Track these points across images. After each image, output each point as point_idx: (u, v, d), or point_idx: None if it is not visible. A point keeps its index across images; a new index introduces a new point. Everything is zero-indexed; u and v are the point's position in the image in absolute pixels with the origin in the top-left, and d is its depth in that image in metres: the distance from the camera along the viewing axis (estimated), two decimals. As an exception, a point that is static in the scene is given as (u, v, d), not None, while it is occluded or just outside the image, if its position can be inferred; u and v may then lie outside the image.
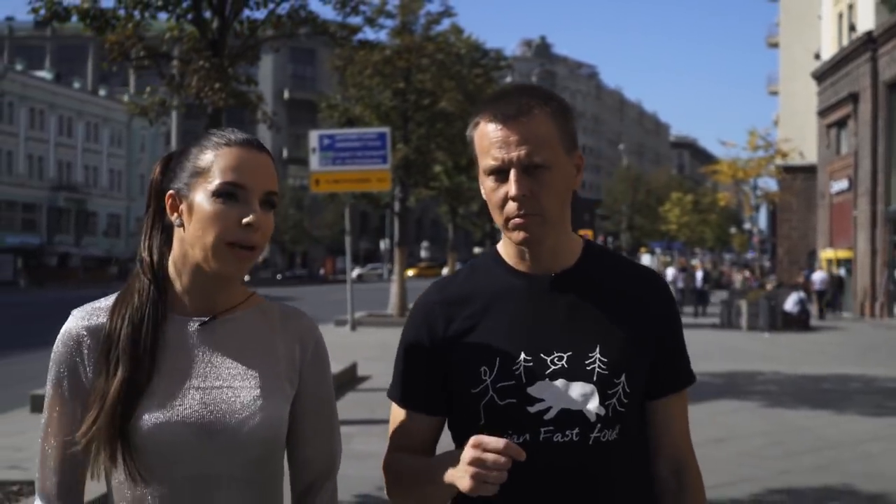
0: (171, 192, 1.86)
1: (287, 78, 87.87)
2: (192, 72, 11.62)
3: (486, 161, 1.93)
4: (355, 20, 14.06)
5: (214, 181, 1.81)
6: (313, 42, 18.09)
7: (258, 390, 1.84)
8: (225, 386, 1.84)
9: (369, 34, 26.12)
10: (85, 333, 1.85)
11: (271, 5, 12.25)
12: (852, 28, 37.70)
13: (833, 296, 32.01)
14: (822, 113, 40.78)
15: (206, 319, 1.87)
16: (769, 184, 50.75)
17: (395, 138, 24.23)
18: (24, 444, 8.78)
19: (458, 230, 37.32)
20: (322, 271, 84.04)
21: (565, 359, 1.93)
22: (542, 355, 1.93)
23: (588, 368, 1.93)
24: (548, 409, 1.91)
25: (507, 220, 1.93)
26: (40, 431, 1.86)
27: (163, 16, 11.92)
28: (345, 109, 26.11)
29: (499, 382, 1.93)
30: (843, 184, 37.78)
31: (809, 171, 45.15)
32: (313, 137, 22.13)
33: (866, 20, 35.61)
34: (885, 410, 11.75)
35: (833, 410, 11.29)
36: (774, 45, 62.16)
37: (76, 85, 79.51)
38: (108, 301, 1.90)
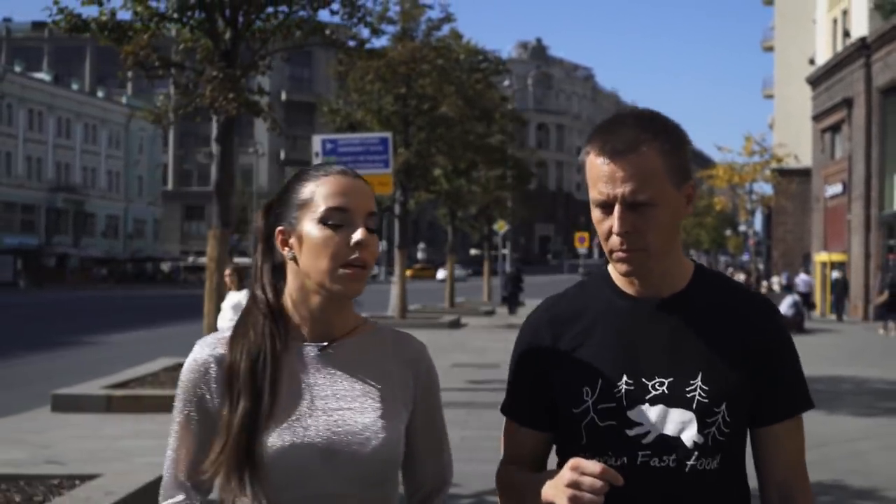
0: (279, 228, 1.95)
1: (284, 80, 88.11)
2: (205, 81, 12.00)
3: (593, 193, 1.95)
4: (362, 30, 14.46)
5: (319, 209, 1.90)
6: (310, 44, 18.40)
7: (377, 412, 1.92)
8: (346, 408, 1.92)
9: (372, 41, 26.67)
10: (212, 362, 1.93)
11: (282, 16, 12.62)
12: (846, 34, 38.12)
13: (839, 299, 31.89)
14: (817, 117, 41.20)
15: (325, 344, 1.96)
16: (764, 188, 51.15)
17: (396, 143, 24.59)
18: (51, 442, 9.16)
19: (456, 232, 37.70)
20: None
21: (666, 384, 1.94)
22: (643, 380, 1.95)
23: (688, 396, 1.94)
24: (646, 434, 1.93)
25: (612, 251, 1.95)
26: (168, 454, 1.94)
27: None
28: (346, 114, 26.46)
29: (600, 404, 1.96)
30: (837, 188, 38.19)
31: (804, 174, 45.54)
32: (316, 142, 22.44)
33: (860, 26, 36.03)
34: (875, 411, 12.16)
35: (825, 410, 11.66)
36: (769, 49, 62.56)
37: (74, 86, 79.77)
38: (228, 333, 1.99)
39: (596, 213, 1.95)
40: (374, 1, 13.92)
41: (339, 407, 1.91)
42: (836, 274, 35.36)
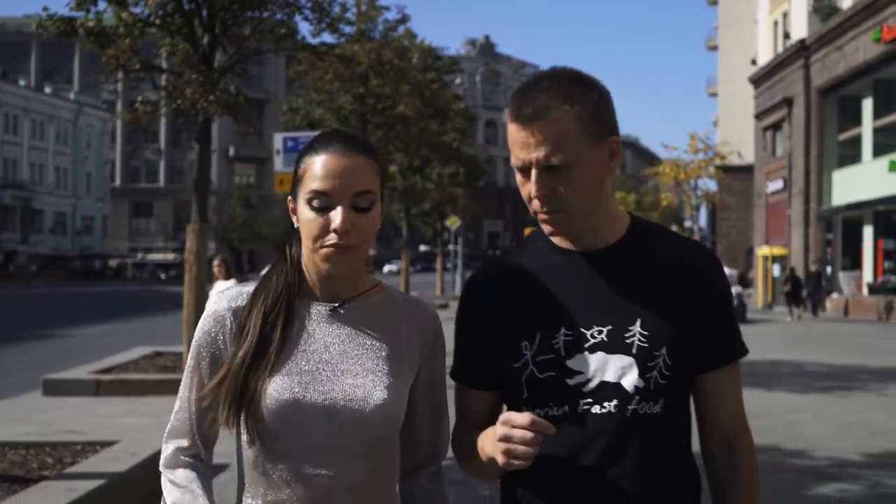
0: (289, 197, 2.01)
1: (234, 77, 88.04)
2: (183, 83, 12.65)
3: (512, 158, 1.97)
4: (327, 35, 15.19)
5: (306, 189, 1.93)
6: (282, 48, 18.88)
7: (383, 371, 1.96)
8: (352, 366, 1.96)
9: (327, 39, 27.37)
10: (228, 314, 2.00)
11: (256, 22, 13.32)
12: (787, 36, 39.45)
13: (814, 291, 32.59)
14: (759, 116, 42.54)
15: (336, 305, 2.01)
16: (709, 184, 52.51)
17: (355, 140, 25.28)
18: (53, 420, 9.82)
19: (409, 229, 38.48)
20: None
21: (605, 332, 1.96)
22: (581, 329, 1.97)
23: (627, 341, 1.95)
24: (587, 382, 1.94)
25: (535, 213, 1.98)
26: (178, 400, 2.02)
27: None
28: (305, 113, 27.11)
29: (539, 356, 1.97)
30: (778, 184, 39.51)
31: (747, 171, 46.90)
32: (278, 140, 23.03)
33: (800, 28, 37.33)
34: (810, 388, 13.19)
35: (764, 388, 12.65)
36: (714, 49, 63.84)
37: (21, 82, 79.08)
38: (250, 287, 2.05)
39: (518, 178, 1.97)
40: (333, 2, 14.52)
41: (343, 365, 1.96)
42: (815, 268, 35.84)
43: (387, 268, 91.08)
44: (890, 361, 16.97)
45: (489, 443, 1.88)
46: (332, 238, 1.89)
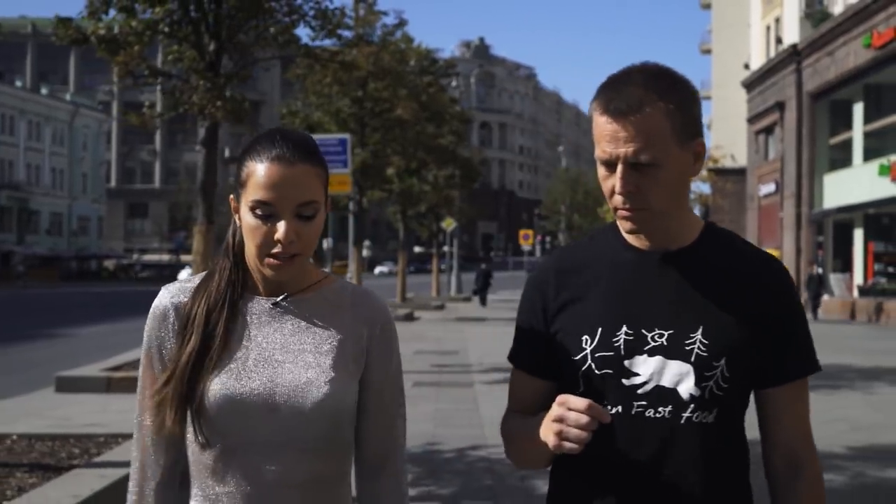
0: (231, 196, 2.00)
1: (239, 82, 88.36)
2: (190, 89, 13.03)
3: (597, 151, 1.94)
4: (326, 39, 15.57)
5: (249, 196, 1.91)
6: (287, 55, 19.24)
7: (324, 365, 1.95)
8: (292, 361, 1.95)
9: (325, 42, 27.72)
10: (171, 309, 2.00)
11: (262, 29, 13.71)
12: (779, 40, 39.86)
13: (816, 295, 32.34)
14: (751, 120, 42.96)
15: (279, 299, 2.00)
16: (702, 187, 52.87)
17: (353, 143, 25.67)
18: (69, 416, 10.17)
19: (405, 230, 38.89)
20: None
21: (666, 336, 1.94)
22: (643, 331, 1.95)
23: (687, 348, 1.93)
24: (643, 384, 1.93)
25: (616, 209, 1.95)
26: (137, 393, 2.05)
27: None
28: (305, 116, 27.48)
29: (598, 352, 1.96)
30: (770, 187, 39.94)
31: (741, 173, 47.33)
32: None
33: (792, 33, 37.75)
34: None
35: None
36: (707, 52, 64.13)
37: (17, 83, 79.39)
38: (194, 281, 2.04)
39: (600, 171, 1.96)
40: (336, 10, 14.93)
41: (284, 360, 1.95)
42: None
43: (378, 269, 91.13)
44: (877, 361, 17.40)
45: (544, 425, 1.89)
46: (276, 248, 1.89)
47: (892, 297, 30.07)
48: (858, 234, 33.17)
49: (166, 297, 2.01)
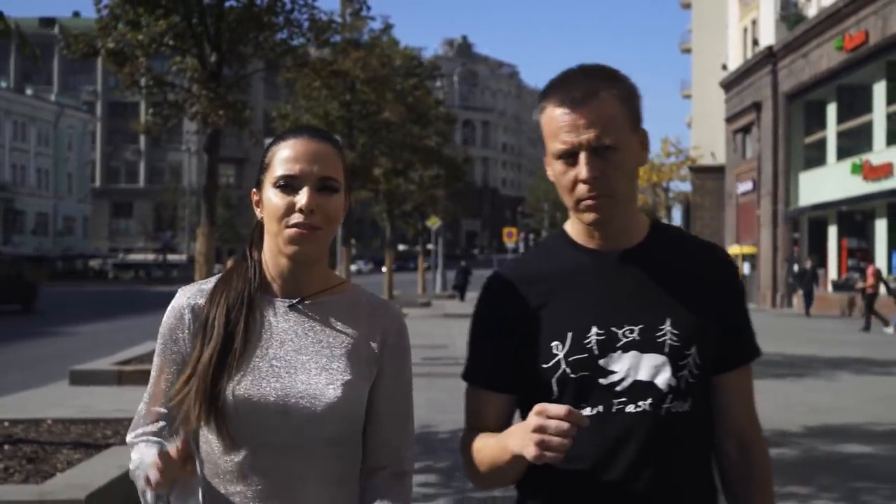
0: (252, 190, 2.03)
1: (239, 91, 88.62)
2: (192, 97, 13.80)
3: (554, 145, 1.94)
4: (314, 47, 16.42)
5: (274, 174, 1.96)
6: (283, 64, 19.98)
7: (337, 369, 1.96)
8: (306, 363, 1.96)
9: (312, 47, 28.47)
10: (187, 309, 2.02)
11: (261, 41, 14.51)
12: (755, 42, 40.76)
13: (809, 289, 32.64)
14: (729, 119, 43.80)
15: (294, 301, 2.01)
16: (681, 186, 53.83)
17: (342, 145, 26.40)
18: (88, 405, 10.93)
19: (392, 228, 39.69)
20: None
21: (636, 331, 1.96)
22: (613, 328, 1.96)
23: (659, 340, 1.96)
24: (620, 381, 1.94)
25: (579, 201, 1.95)
26: (145, 393, 2.06)
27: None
28: (295, 118, 28.21)
29: (571, 356, 1.96)
30: (747, 185, 40.77)
31: (720, 171, 48.13)
32: (267, 144, 24.27)
33: (768, 35, 38.64)
34: (764, 375, 14.42)
35: (725, 376, 13.92)
36: (687, 51, 64.85)
37: (2, 84, 79.58)
38: (210, 283, 2.06)
39: (558, 166, 1.96)
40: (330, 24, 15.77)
41: (299, 361, 1.96)
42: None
43: (353, 266, 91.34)
44: (844, 352, 18.34)
45: (516, 437, 1.84)
46: (296, 217, 1.92)
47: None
48: (832, 231, 34.00)
49: (183, 297, 2.04)
